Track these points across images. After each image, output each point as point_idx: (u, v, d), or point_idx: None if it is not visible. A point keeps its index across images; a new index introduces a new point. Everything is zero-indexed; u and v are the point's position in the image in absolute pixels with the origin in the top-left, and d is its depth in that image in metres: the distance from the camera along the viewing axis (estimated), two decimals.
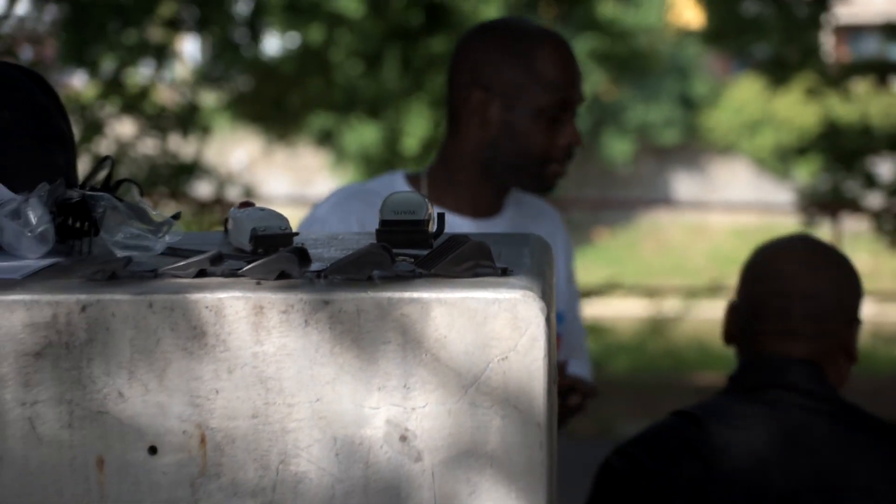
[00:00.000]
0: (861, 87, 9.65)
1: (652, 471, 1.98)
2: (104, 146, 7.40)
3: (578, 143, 2.22)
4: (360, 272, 1.22)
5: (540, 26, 2.27)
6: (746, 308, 2.06)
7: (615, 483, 2.00)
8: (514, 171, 2.21)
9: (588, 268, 16.50)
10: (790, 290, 2.02)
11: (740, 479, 1.95)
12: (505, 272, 1.24)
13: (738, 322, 2.08)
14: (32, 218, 1.32)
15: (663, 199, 19.91)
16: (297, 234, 1.38)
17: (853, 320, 2.05)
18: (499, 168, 2.21)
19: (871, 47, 16.63)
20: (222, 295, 1.19)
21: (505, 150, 2.19)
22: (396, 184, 2.26)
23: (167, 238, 1.36)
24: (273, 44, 10.58)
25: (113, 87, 7.65)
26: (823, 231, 9.24)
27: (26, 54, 6.38)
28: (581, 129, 2.27)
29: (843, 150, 8.65)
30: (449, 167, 2.24)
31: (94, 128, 7.32)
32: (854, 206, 9.11)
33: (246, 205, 1.43)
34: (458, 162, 2.23)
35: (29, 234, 1.32)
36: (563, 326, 2.29)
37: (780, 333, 2.02)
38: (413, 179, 2.28)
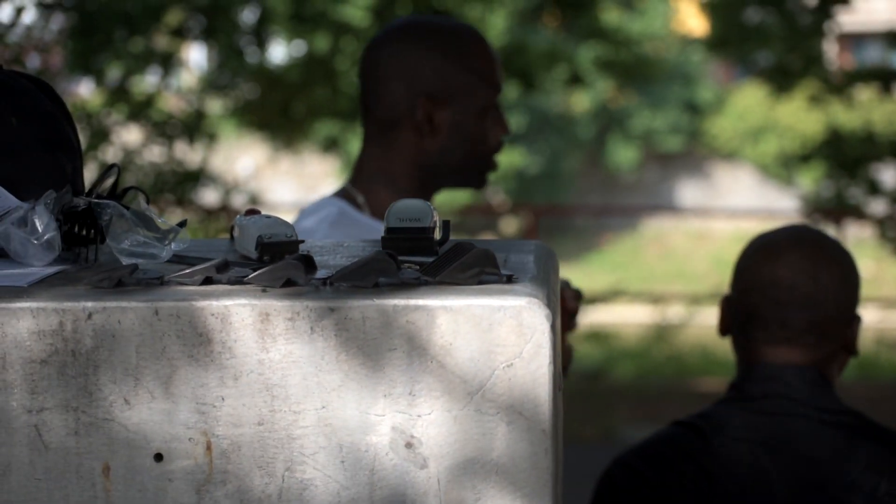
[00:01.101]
0: (864, 94, 9.64)
1: (654, 483, 1.97)
2: (111, 154, 7.41)
3: (508, 132, 2.19)
4: (366, 279, 1.23)
5: (457, 22, 2.25)
6: (744, 313, 2.04)
7: (617, 494, 2.00)
8: (462, 172, 2.17)
9: (592, 274, 16.49)
10: (789, 299, 1.99)
11: (743, 491, 1.95)
12: (510, 279, 1.25)
13: (735, 322, 2.06)
14: (39, 225, 1.32)
15: (667, 206, 19.91)
16: (303, 241, 1.39)
17: (853, 319, 2.03)
18: (446, 171, 2.16)
19: (875, 55, 16.63)
20: (228, 302, 1.19)
21: (455, 154, 2.15)
22: (331, 208, 2.16)
23: (173, 245, 1.36)
24: (279, 52, 10.60)
25: (119, 94, 7.67)
26: None
27: (33, 62, 6.39)
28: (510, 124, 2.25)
29: (847, 157, 8.64)
30: (386, 178, 2.16)
31: (101, 135, 7.33)
32: (858, 213, 9.10)
33: (252, 212, 1.43)
34: (399, 171, 2.15)
35: (35, 242, 1.32)
36: None
37: (780, 342, 2.00)
38: (347, 197, 2.18)
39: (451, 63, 2.12)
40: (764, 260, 2.03)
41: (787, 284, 2.00)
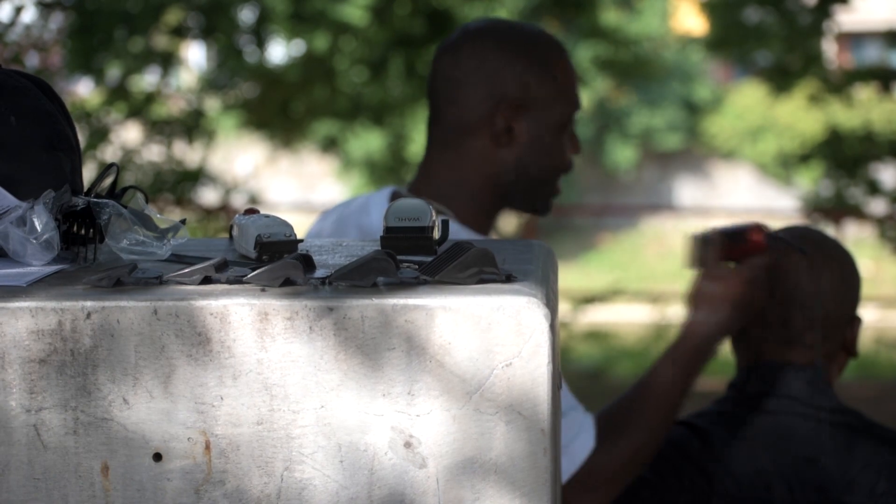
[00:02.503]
0: (863, 93, 9.64)
1: (653, 482, 1.97)
2: (110, 153, 7.40)
3: (579, 152, 2.07)
4: (365, 279, 1.23)
5: (541, 29, 2.11)
6: None
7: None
8: (532, 190, 2.02)
9: (591, 273, 16.50)
10: (791, 298, 2.00)
11: (742, 490, 1.95)
12: (509, 279, 1.25)
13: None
14: (38, 225, 1.32)
15: (666, 205, 19.91)
16: (301, 240, 1.39)
17: (853, 318, 2.04)
18: (520, 188, 2.01)
19: (874, 54, 16.64)
20: (227, 301, 1.20)
21: (531, 169, 2.00)
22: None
23: (172, 245, 1.36)
24: (278, 51, 10.60)
25: (118, 94, 7.67)
26: None
27: (32, 61, 6.38)
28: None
29: (846, 156, 8.64)
30: (465, 191, 2.00)
31: (100, 135, 7.33)
32: (857, 213, 9.10)
33: (251, 211, 1.43)
34: (471, 182, 2.00)
35: (34, 241, 1.32)
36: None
37: (780, 341, 2.01)
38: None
39: (537, 71, 1.98)
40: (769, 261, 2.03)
41: (790, 284, 2.00)
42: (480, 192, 1.99)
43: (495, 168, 1.99)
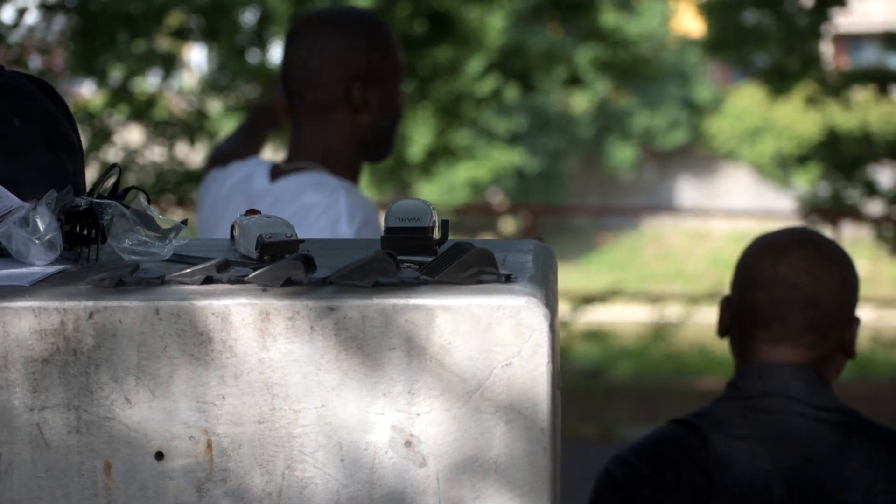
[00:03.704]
0: (861, 95, 9.65)
1: (652, 481, 1.98)
2: (112, 154, 7.40)
3: (404, 104, 2.51)
4: (366, 279, 1.23)
5: (369, 11, 2.58)
6: (744, 312, 2.04)
7: (615, 492, 2.00)
8: (384, 143, 2.46)
9: (591, 274, 16.49)
10: (790, 297, 2.01)
11: (741, 490, 1.95)
12: (508, 279, 1.25)
13: (734, 321, 2.07)
14: (40, 225, 1.33)
15: (665, 206, 19.91)
16: (303, 241, 1.39)
17: (852, 319, 2.04)
18: (375, 143, 2.45)
19: (871, 56, 16.64)
20: (228, 301, 1.20)
21: (382, 126, 2.44)
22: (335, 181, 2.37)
23: (174, 245, 1.37)
24: (279, 53, 10.60)
25: (121, 95, 7.66)
26: None
27: (35, 63, 6.38)
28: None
29: (843, 157, 8.65)
30: (325, 153, 2.41)
31: (103, 136, 7.32)
32: (854, 214, 9.11)
33: (252, 212, 1.44)
34: (338, 145, 2.41)
35: (37, 242, 1.33)
36: None
37: (779, 341, 2.01)
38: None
39: (375, 49, 2.41)
40: (767, 259, 2.04)
41: (789, 283, 2.01)
42: (346, 152, 2.43)
43: (356, 131, 2.43)
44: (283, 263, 1.24)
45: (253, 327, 1.20)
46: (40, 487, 1.22)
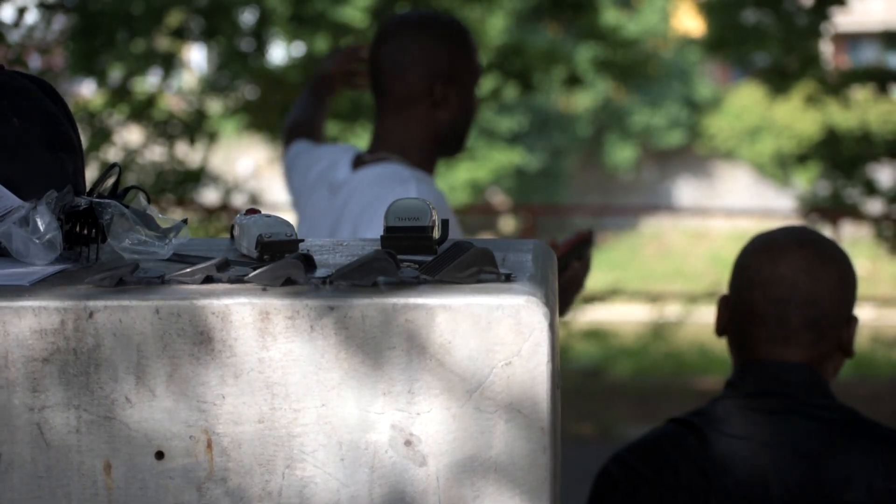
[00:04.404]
0: (860, 94, 9.65)
1: (651, 480, 1.98)
2: (112, 153, 7.41)
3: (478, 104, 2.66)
4: (366, 278, 1.23)
5: (454, 17, 2.70)
6: (742, 311, 2.05)
7: (614, 491, 2.01)
8: (459, 139, 2.60)
9: (591, 273, 16.44)
10: (789, 297, 2.01)
11: (740, 489, 1.96)
12: (508, 278, 1.25)
13: (732, 320, 2.07)
14: (41, 225, 1.33)
15: (665, 205, 19.91)
16: (302, 240, 1.39)
17: (850, 318, 2.05)
18: (451, 138, 2.58)
19: (870, 55, 16.64)
20: (229, 301, 1.20)
21: (459, 123, 2.58)
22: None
23: (174, 244, 1.37)
24: (279, 53, 10.60)
25: (121, 95, 7.67)
26: None
27: (35, 63, 6.38)
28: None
29: (843, 156, 8.65)
30: (407, 144, 2.54)
31: (102, 135, 7.33)
32: (854, 213, 9.11)
33: (252, 212, 1.44)
34: (419, 138, 2.55)
35: (37, 241, 1.33)
36: None
37: (778, 340, 2.01)
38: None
39: (455, 50, 2.56)
40: (765, 258, 2.04)
41: (788, 282, 2.01)
42: (425, 145, 2.56)
43: (435, 126, 2.57)
44: (283, 263, 1.25)
45: (253, 327, 1.20)
46: (40, 487, 1.22)
